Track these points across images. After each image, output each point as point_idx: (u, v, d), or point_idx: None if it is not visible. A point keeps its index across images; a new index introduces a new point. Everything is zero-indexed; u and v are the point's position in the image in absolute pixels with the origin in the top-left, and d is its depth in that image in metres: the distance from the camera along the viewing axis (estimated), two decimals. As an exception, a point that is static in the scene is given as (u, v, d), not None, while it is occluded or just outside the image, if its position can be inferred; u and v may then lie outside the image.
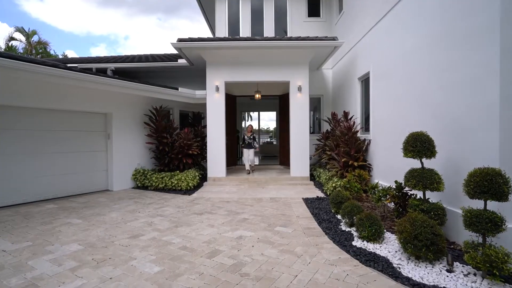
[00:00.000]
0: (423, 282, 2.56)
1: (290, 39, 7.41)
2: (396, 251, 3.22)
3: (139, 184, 7.56)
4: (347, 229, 4.02)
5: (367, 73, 6.57)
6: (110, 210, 5.27)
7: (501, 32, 2.92)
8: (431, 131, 3.75)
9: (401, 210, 4.08)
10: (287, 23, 10.19)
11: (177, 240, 3.71)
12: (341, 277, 2.71)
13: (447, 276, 2.67)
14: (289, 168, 8.12)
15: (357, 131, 6.75)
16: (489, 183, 2.56)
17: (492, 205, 2.74)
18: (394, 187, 4.24)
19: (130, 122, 7.63)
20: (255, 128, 14.07)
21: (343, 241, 3.59)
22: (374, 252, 3.23)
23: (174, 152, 7.79)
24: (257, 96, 9.24)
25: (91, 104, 6.73)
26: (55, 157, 6.28)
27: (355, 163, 6.20)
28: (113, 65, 9.11)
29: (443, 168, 3.67)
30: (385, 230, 3.71)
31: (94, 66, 8.95)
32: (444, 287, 2.49)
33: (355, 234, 3.81)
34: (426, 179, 3.41)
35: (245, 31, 10.19)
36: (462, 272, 2.73)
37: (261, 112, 17.25)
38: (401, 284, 2.55)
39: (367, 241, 3.53)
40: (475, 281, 2.55)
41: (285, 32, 10.21)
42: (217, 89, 7.82)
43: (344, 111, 7.36)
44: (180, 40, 7.23)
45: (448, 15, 3.76)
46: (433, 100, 4.06)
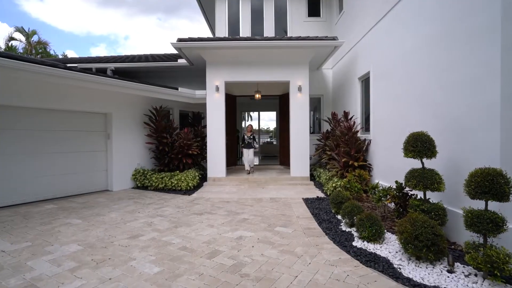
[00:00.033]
0: (424, 283, 2.55)
1: (290, 39, 7.40)
2: (396, 252, 3.21)
3: (139, 184, 7.55)
4: (348, 230, 4.01)
5: (367, 73, 6.57)
6: (110, 210, 5.26)
7: (502, 31, 2.91)
8: (432, 131, 3.74)
9: (402, 210, 4.08)
10: (287, 23, 10.18)
11: (177, 241, 3.70)
12: (342, 277, 2.70)
13: (448, 276, 2.66)
14: (289, 168, 8.10)
15: (357, 131, 6.74)
16: (490, 184, 2.55)
17: (493, 206, 2.74)
18: (394, 187, 4.23)
19: (130, 122, 7.62)
20: (255, 128, 14.07)
21: (343, 242, 3.58)
22: (374, 253, 3.22)
23: (174, 152, 7.78)
24: (257, 96, 9.23)
25: (91, 104, 6.73)
26: (55, 157, 6.27)
27: (355, 163, 6.19)
28: (113, 65, 9.10)
29: (444, 168, 3.66)
30: (385, 231, 3.70)
31: (94, 66, 8.95)
32: (445, 287, 2.48)
33: (355, 234, 3.80)
34: (426, 179, 3.40)
35: (245, 31, 10.17)
36: (463, 272, 2.72)
37: (261, 112, 17.24)
38: (402, 285, 2.54)
39: (368, 242, 3.52)
40: (476, 282, 2.53)
41: (285, 32, 10.20)
42: (217, 89, 7.81)
43: (344, 111, 7.35)
44: (180, 40, 7.22)
45: (448, 14, 3.75)
46: (433, 100, 4.05)
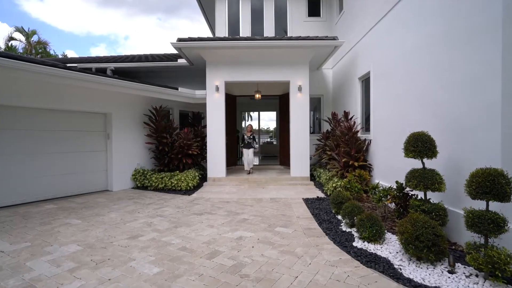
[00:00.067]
0: (425, 284, 2.54)
1: (290, 38, 7.38)
2: (397, 252, 3.20)
3: (138, 184, 7.54)
4: (348, 230, 4.00)
5: (368, 73, 6.55)
6: (110, 210, 5.25)
7: (503, 31, 2.90)
8: (432, 131, 3.73)
9: (402, 210, 4.06)
10: (287, 23, 10.17)
11: (177, 241, 3.69)
12: (342, 278, 2.69)
13: (449, 277, 2.64)
14: (289, 168, 8.09)
15: (358, 131, 6.73)
16: (491, 184, 2.53)
17: (494, 206, 2.72)
18: (395, 187, 4.22)
19: (129, 122, 7.61)
20: (255, 128, 14.05)
21: (343, 242, 3.56)
22: (375, 253, 3.21)
23: (174, 152, 7.77)
24: (257, 96, 9.22)
25: (90, 104, 6.72)
26: (54, 157, 6.26)
27: (356, 163, 6.17)
28: (113, 65, 9.09)
29: (445, 168, 3.64)
30: (386, 231, 3.69)
31: (94, 66, 8.94)
32: (446, 288, 2.47)
33: (355, 234, 3.79)
34: (427, 179, 3.39)
35: (245, 31, 10.16)
36: (464, 273, 2.70)
37: (261, 112, 17.23)
38: (403, 286, 2.53)
39: (368, 242, 3.51)
40: (477, 283, 2.52)
41: (285, 32, 10.19)
42: (217, 89, 7.80)
43: (345, 111, 7.34)
44: (180, 39, 7.21)
45: (448, 14, 3.73)
46: (434, 100, 4.04)
